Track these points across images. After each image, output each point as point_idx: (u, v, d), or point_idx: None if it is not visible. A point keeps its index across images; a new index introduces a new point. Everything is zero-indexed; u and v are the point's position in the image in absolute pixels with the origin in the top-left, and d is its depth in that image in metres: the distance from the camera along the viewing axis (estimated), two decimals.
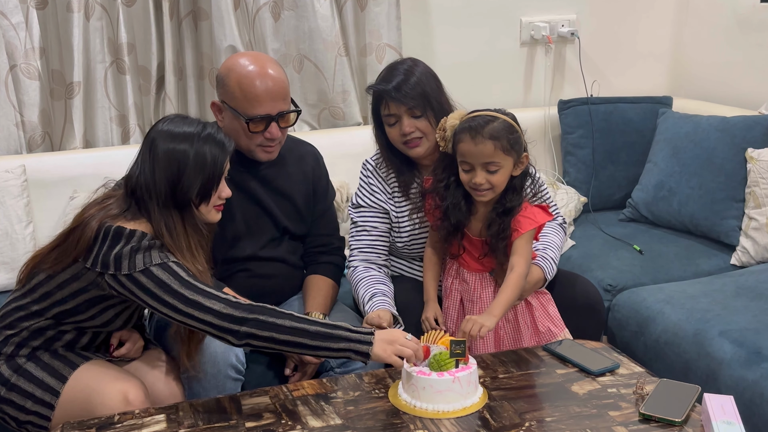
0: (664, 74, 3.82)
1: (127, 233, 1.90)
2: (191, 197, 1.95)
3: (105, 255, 1.90)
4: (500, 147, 2.08)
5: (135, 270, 1.88)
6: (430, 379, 1.81)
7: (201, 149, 1.94)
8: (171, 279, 1.87)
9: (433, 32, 3.46)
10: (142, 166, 1.95)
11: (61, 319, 2.02)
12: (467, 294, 2.25)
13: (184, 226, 1.97)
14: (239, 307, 1.87)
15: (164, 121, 2.00)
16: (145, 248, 1.89)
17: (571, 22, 3.60)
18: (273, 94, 2.20)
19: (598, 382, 1.95)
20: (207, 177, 1.95)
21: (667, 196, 3.13)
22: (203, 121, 2.01)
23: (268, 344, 1.87)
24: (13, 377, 2.00)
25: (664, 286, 2.72)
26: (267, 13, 3.15)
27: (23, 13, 2.87)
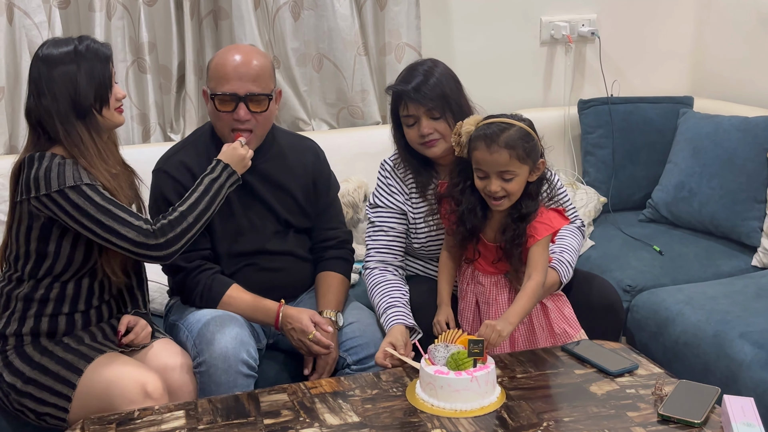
0: (685, 74, 3.79)
1: (38, 156, 2.03)
2: (91, 105, 2.07)
3: (26, 180, 2.03)
4: (515, 156, 2.06)
5: (51, 190, 1.99)
6: (448, 378, 1.81)
7: (86, 62, 2.06)
8: (86, 203, 2.00)
9: (453, 32, 3.46)
10: (38, 96, 2.06)
11: (36, 275, 2.09)
12: (482, 297, 2.25)
13: (90, 134, 2.07)
14: (149, 234, 2.04)
15: (41, 48, 2.09)
16: (58, 166, 2.01)
17: (592, 21, 3.59)
18: (241, 74, 2.20)
19: (617, 382, 1.94)
20: (98, 83, 2.07)
21: (688, 196, 3.11)
22: (76, 37, 2.12)
23: (189, 242, 2.11)
24: (28, 370, 2.04)
25: (684, 287, 2.70)
26: (287, 13, 3.17)
27: (46, 13, 2.89)
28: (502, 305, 2.21)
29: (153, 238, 2.04)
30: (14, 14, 2.86)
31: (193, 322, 2.20)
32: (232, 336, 2.11)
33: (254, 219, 2.35)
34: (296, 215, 2.41)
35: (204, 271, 2.28)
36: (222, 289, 2.26)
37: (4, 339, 2.09)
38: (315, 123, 3.32)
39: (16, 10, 2.86)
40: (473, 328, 2.27)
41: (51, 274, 2.10)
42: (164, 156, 2.34)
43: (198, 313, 2.23)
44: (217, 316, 2.19)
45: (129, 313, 2.21)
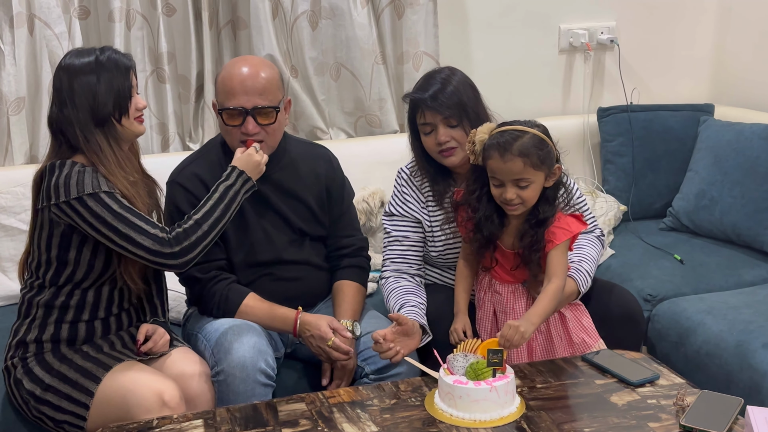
0: (705, 81, 3.76)
1: (59, 163, 2.07)
2: (110, 114, 2.09)
3: (47, 188, 2.06)
4: (530, 163, 2.06)
5: (70, 197, 2.02)
6: (467, 388, 1.80)
7: (106, 72, 2.09)
8: (103, 210, 2.02)
9: (471, 40, 3.45)
10: (60, 105, 2.09)
11: (57, 282, 2.11)
12: (500, 305, 2.23)
13: (108, 143, 2.09)
14: (165, 243, 2.05)
15: (64, 58, 2.13)
16: (77, 174, 2.04)
17: (611, 29, 3.57)
18: (247, 88, 2.21)
19: (638, 393, 1.92)
20: (118, 94, 2.10)
21: (709, 205, 3.09)
22: (100, 47, 2.15)
23: (205, 249, 2.13)
24: (47, 378, 2.05)
25: (706, 297, 2.68)
26: (305, 22, 3.17)
27: (66, 23, 2.92)
28: (519, 314, 2.20)
29: (168, 246, 2.05)
30: (35, 25, 2.89)
31: (211, 331, 2.21)
32: (250, 345, 2.11)
33: (268, 228, 2.35)
34: (310, 223, 2.40)
35: (220, 281, 2.28)
36: (239, 298, 2.27)
37: (25, 346, 2.11)
38: (333, 132, 3.32)
39: (37, 21, 2.89)
40: (491, 337, 2.25)
41: (71, 281, 2.11)
42: (177, 168, 2.35)
43: (216, 323, 2.23)
44: (234, 325, 2.19)
45: (148, 322, 2.22)
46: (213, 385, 2.12)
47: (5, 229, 2.73)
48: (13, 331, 2.15)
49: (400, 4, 3.22)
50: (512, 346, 1.95)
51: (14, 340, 2.13)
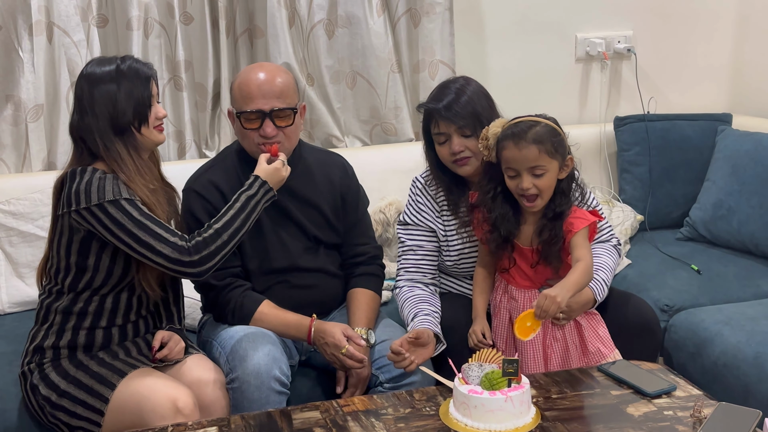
0: (723, 91, 3.74)
1: (80, 170, 2.07)
2: (130, 123, 2.11)
3: (67, 194, 2.06)
4: (544, 150, 2.09)
5: (91, 203, 2.03)
6: (482, 398, 1.79)
7: (126, 81, 2.11)
8: (124, 217, 2.03)
9: (487, 48, 3.45)
10: (81, 113, 2.11)
11: (75, 288, 2.12)
12: (516, 311, 2.22)
13: (128, 151, 2.11)
14: (184, 252, 2.05)
15: (86, 66, 2.16)
16: (98, 180, 2.05)
17: (628, 38, 3.56)
18: (264, 91, 2.23)
19: (654, 404, 1.91)
20: (138, 103, 2.11)
21: (726, 215, 3.06)
22: (120, 57, 2.17)
23: (224, 258, 2.12)
24: (63, 384, 2.06)
25: (723, 307, 2.66)
26: (321, 31, 3.18)
27: (84, 31, 2.94)
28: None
29: (187, 254, 2.05)
30: (54, 33, 2.91)
31: (225, 338, 2.21)
32: (265, 352, 2.11)
33: (283, 236, 2.35)
34: (325, 231, 2.41)
35: (235, 289, 2.29)
36: (253, 305, 2.27)
37: (42, 352, 2.12)
38: (348, 140, 3.32)
39: (56, 29, 2.91)
40: (507, 344, 2.25)
41: (90, 287, 2.12)
42: (193, 175, 2.36)
43: (231, 330, 2.23)
44: (249, 332, 2.19)
45: (164, 329, 2.23)
46: (227, 393, 2.12)
47: (23, 235, 2.75)
48: (31, 336, 2.16)
49: (416, 12, 3.22)
50: (548, 316, 1.98)
51: (31, 346, 2.14)
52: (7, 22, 2.87)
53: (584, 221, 2.15)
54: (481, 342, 2.20)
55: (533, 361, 2.20)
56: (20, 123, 2.94)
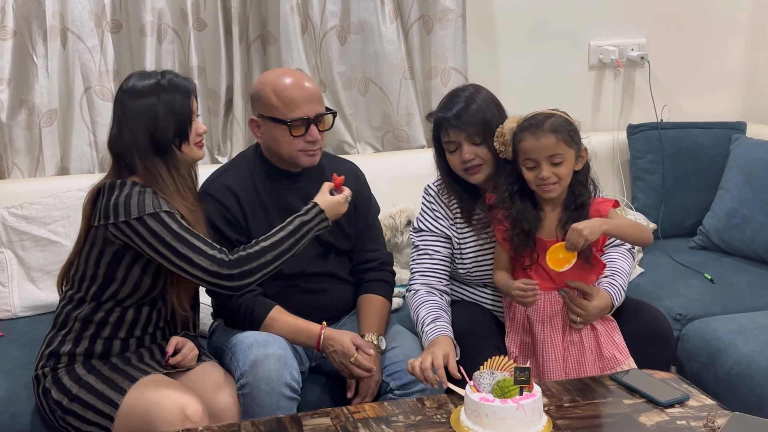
0: (737, 99, 3.72)
1: (119, 183, 2.06)
2: (170, 141, 2.08)
3: (105, 206, 2.05)
4: (562, 139, 2.14)
5: (131, 217, 2.01)
6: (494, 406, 1.78)
7: (167, 96, 2.08)
8: (163, 230, 2.01)
9: (500, 56, 3.45)
10: (119, 128, 2.09)
11: (99, 297, 2.11)
12: (536, 315, 2.22)
13: (168, 170, 2.10)
14: (223, 264, 2.03)
15: (126, 81, 2.13)
16: (138, 194, 2.03)
17: (641, 45, 3.55)
18: (309, 97, 2.28)
19: (667, 413, 1.89)
20: (179, 119, 2.09)
21: (740, 223, 3.05)
22: (161, 71, 2.15)
23: (263, 278, 2.10)
24: (75, 388, 2.06)
25: (736, 317, 2.64)
26: (334, 37, 3.19)
27: (98, 37, 2.96)
28: (556, 322, 2.21)
29: (227, 268, 2.03)
30: (68, 38, 2.93)
31: (236, 344, 2.21)
32: (276, 358, 2.11)
33: None
34: (337, 237, 2.41)
35: (246, 293, 2.28)
36: (264, 311, 2.27)
37: (57, 357, 2.12)
38: (360, 146, 3.33)
39: (70, 35, 2.93)
40: (521, 351, 2.25)
41: (114, 298, 2.12)
42: (208, 179, 2.37)
43: (241, 336, 2.23)
44: (261, 338, 2.19)
45: (179, 335, 2.23)
46: (239, 399, 2.12)
47: (35, 239, 2.76)
48: (47, 341, 2.16)
49: (428, 19, 3.23)
50: (577, 248, 2.07)
51: (47, 350, 2.14)
52: (21, 27, 2.89)
53: (608, 202, 2.22)
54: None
55: (555, 362, 2.20)
56: (34, 128, 2.96)
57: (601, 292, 2.23)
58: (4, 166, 2.98)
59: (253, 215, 2.31)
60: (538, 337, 2.21)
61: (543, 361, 2.20)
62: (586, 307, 2.19)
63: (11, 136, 2.95)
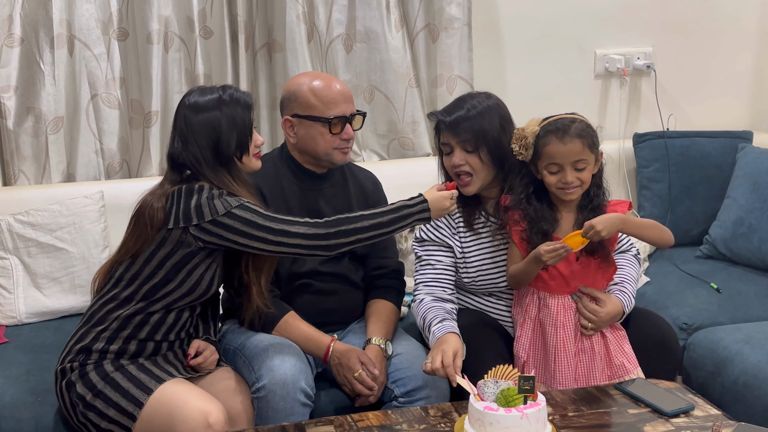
0: (744, 108, 3.71)
1: (197, 187, 2.11)
2: (233, 153, 2.15)
3: (185, 210, 2.08)
4: (587, 144, 2.16)
5: (218, 215, 2.06)
6: (498, 415, 1.77)
7: (229, 110, 2.15)
8: (253, 215, 2.08)
9: (506, 64, 3.45)
10: (184, 142, 2.15)
11: (151, 296, 2.12)
12: (549, 319, 2.22)
13: (233, 180, 2.16)
14: (319, 225, 2.09)
15: (187, 96, 2.20)
16: (218, 195, 2.09)
17: (647, 54, 3.55)
18: (345, 96, 2.39)
19: (672, 423, 1.88)
20: (240, 131, 2.16)
21: (747, 232, 3.04)
22: (221, 86, 2.22)
23: (355, 245, 2.13)
24: (100, 384, 2.06)
25: (743, 326, 2.63)
26: (339, 45, 3.19)
27: (105, 45, 2.97)
28: (568, 327, 2.21)
29: (324, 228, 2.09)
30: (75, 46, 2.94)
31: (250, 347, 2.22)
32: (292, 363, 2.13)
33: None
34: None
35: None
36: (279, 313, 2.30)
37: (88, 353, 2.12)
38: (365, 154, 3.33)
39: (77, 42, 2.94)
40: (529, 355, 2.25)
41: (165, 299, 2.13)
42: None
43: (255, 339, 2.25)
44: (276, 342, 2.22)
45: (200, 338, 2.25)
46: (253, 403, 2.13)
47: (41, 246, 2.76)
48: (79, 335, 2.15)
49: (434, 27, 3.23)
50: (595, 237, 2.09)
51: (78, 345, 2.13)
52: (29, 35, 2.90)
53: (624, 204, 2.25)
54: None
55: (566, 368, 2.20)
56: (40, 135, 2.97)
57: (613, 298, 2.23)
58: (11, 172, 2.99)
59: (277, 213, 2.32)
60: (550, 341, 2.21)
61: (554, 366, 2.20)
62: (598, 313, 2.19)
63: (18, 143, 2.96)
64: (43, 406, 2.22)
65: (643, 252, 3.13)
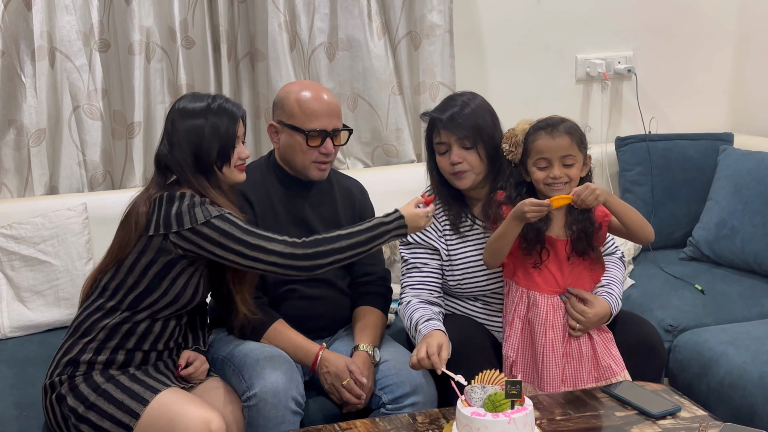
0: (724, 110, 3.74)
1: (179, 195, 2.11)
2: (213, 162, 2.15)
3: (165, 217, 2.08)
4: (575, 141, 2.20)
5: (197, 223, 2.06)
6: (485, 420, 1.77)
7: (214, 119, 2.15)
8: (232, 227, 2.07)
9: (488, 70, 3.46)
10: (169, 145, 2.16)
11: (136, 306, 2.11)
12: (538, 318, 2.23)
13: (214, 190, 2.16)
14: (297, 245, 2.07)
15: (180, 100, 2.21)
16: (200, 203, 2.09)
17: (628, 58, 3.57)
18: (329, 111, 2.36)
19: (659, 425, 1.89)
20: (223, 141, 2.15)
21: (730, 234, 3.06)
22: (213, 95, 2.22)
23: (333, 266, 2.12)
24: (93, 396, 2.05)
25: (728, 327, 2.65)
26: (322, 54, 3.20)
27: (86, 56, 2.96)
28: (557, 326, 2.22)
29: (301, 248, 2.08)
30: (56, 58, 2.93)
31: (240, 356, 2.21)
32: (283, 371, 2.13)
33: None
34: None
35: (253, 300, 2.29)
36: (268, 321, 2.29)
37: (76, 365, 2.10)
38: (350, 161, 3.33)
39: (58, 54, 2.93)
40: (518, 355, 2.25)
41: (150, 308, 2.12)
42: None
43: (244, 348, 2.24)
44: (266, 350, 2.22)
45: (189, 348, 2.25)
46: (244, 412, 2.13)
47: (24, 259, 2.75)
48: (65, 348, 2.13)
49: (416, 35, 3.24)
50: (582, 204, 2.13)
51: (65, 358, 2.11)
52: (9, 47, 2.89)
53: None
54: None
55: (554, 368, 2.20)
56: (22, 147, 2.95)
57: (600, 300, 2.25)
58: None
59: (264, 221, 2.34)
60: (539, 341, 2.22)
61: (542, 366, 2.21)
62: (586, 314, 2.20)
63: (0, 156, 2.94)
64: (29, 420, 2.20)
65: (627, 255, 3.15)
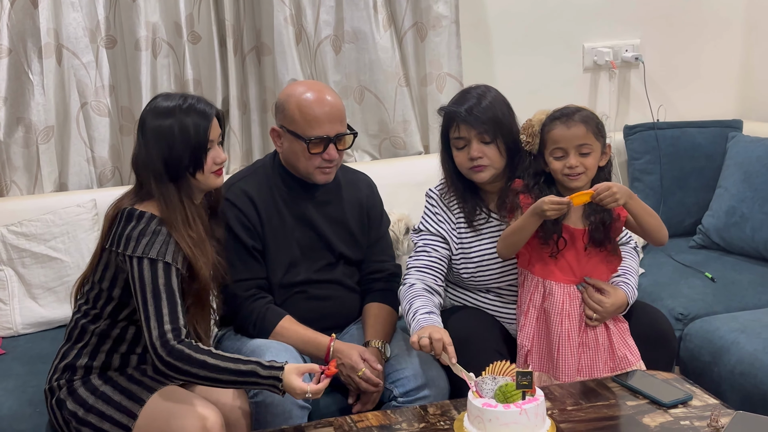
0: (733, 97, 3.73)
1: (137, 214, 2.03)
2: (184, 168, 2.04)
3: (119, 234, 2.02)
4: (591, 130, 2.19)
5: (134, 254, 1.98)
6: (497, 411, 1.78)
7: (184, 121, 2.02)
8: (149, 280, 1.96)
9: (494, 60, 3.45)
10: (138, 147, 2.08)
11: (115, 317, 2.10)
12: (554, 308, 2.22)
13: (180, 198, 2.05)
14: (166, 346, 1.92)
15: (153, 99, 2.11)
16: (152, 234, 1.99)
17: (635, 46, 3.55)
18: (331, 117, 2.29)
19: (671, 414, 1.89)
20: (194, 146, 2.03)
21: (740, 221, 3.04)
22: (186, 94, 2.10)
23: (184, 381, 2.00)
24: (91, 399, 2.05)
25: (738, 315, 2.64)
26: (328, 47, 3.19)
27: (93, 53, 2.96)
28: (573, 316, 2.22)
29: (165, 352, 1.93)
30: (63, 55, 2.94)
31: (248, 352, 2.22)
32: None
33: (308, 250, 2.39)
34: (351, 247, 2.44)
35: (258, 300, 2.31)
36: (275, 319, 2.29)
37: (73, 369, 2.11)
38: (357, 154, 3.33)
39: (65, 51, 2.93)
40: (533, 344, 2.25)
41: (131, 319, 2.11)
42: (226, 183, 2.37)
43: (252, 344, 2.25)
44: (273, 346, 2.22)
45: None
46: (251, 408, 2.13)
47: (35, 256, 2.76)
48: (61, 354, 2.15)
49: (422, 26, 3.23)
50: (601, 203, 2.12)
51: (62, 363, 2.12)
52: (16, 45, 2.89)
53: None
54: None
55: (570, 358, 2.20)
56: (31, 145, 2.96)
57: (617, 290, 2.25)
58: (3, 183, 2.98)
59: (269, 222, 2.34)
60: (554, 331, 2.21)
61: (558, 356, 2.20)
62: (604, 304, 2.20)
63: (9, 154, 2.95)
64: (42, 416, 2.21)
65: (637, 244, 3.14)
